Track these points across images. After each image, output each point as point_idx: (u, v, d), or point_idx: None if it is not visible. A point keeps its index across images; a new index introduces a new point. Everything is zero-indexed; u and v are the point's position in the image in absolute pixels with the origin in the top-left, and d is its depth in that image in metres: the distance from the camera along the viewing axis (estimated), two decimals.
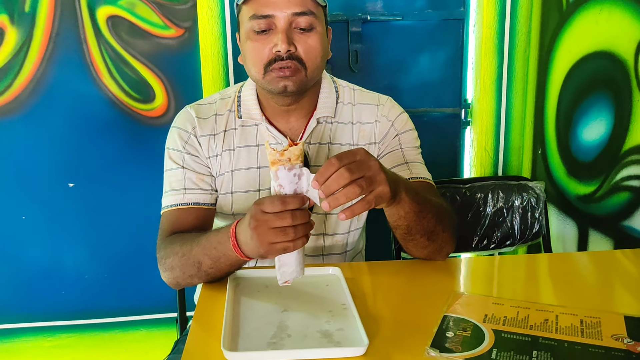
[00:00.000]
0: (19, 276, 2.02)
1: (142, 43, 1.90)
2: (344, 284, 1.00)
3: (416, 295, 1.02)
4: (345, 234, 1.24)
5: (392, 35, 2.00)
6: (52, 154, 1.95)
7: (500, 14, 1.91)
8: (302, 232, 0.85)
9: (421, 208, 1.02)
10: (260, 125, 1.18)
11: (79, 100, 1.92)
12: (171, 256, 1.07)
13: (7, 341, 2.08)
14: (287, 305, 0.94)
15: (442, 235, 1.08)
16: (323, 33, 1.10)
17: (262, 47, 1.07)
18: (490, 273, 1.16)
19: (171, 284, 1.11)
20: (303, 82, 1.09)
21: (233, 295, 0.98)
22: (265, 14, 1.05)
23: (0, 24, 1.84)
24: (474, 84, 2.02)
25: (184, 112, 1.22)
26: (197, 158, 1.19)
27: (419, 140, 1.26)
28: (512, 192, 1.72)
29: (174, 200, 1.17)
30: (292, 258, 0.87)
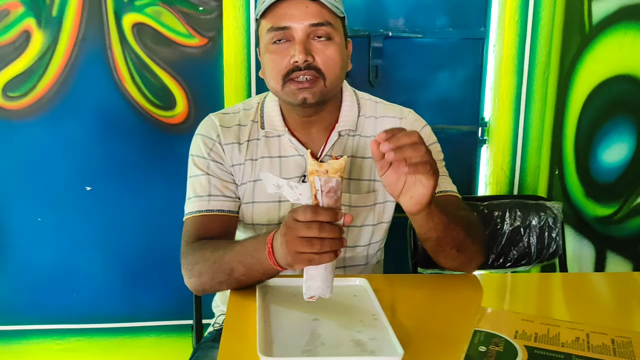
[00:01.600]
0: (31, 277, 2.03)
1: (166, 51, 1.93)
2: (372, 295, 1.00)
3: (442, 308, 1.03)
4: (366, 246, 1.24)
5: (412, 52, 2.02)
6: (71, 156, 1.96)
7: (521, 35, 1.94)
8: (328, 247, 0.84)
9: (450, 220, 1.03)
10: (283, 136, 1.19)
11: (100, 104, 1.94)
12: (200, 262, 1.07)
13: (16, 342, 2.08)
14: (317, 314, 0.94)
15: (472, 248, 1.09)
16: (341, 44, 1.12)
17: (281, 59, 1.08)
18: (511, 290, 1.17)
19: (196, 290, 1.11)
20: (322, 92, 1.10)
21: (262, 303, 0.98)
22: (282, 26, 1.07)
23: (27, 27, 1.87)
24: (492, 102, 2.04)
25: (208, 120, 1.23)
26: (221, 165, 1.19)
27: (442, 153, 1.27)
28: (529, 211, 1.73)
29: (198, 206, 1.17)
30: (319, 273, 0.86)
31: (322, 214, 0.83)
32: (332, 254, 0.85)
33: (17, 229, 1.99)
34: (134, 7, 1.89)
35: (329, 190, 0.84)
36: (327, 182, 0.84)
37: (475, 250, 1.10)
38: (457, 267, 1.13)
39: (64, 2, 1.86)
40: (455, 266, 1.12)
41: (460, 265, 1.12)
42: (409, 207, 0.95)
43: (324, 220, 0.83)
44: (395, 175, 0.93)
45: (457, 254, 1.07)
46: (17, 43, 1.87)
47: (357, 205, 1.21)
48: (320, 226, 0.83)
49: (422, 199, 0.93)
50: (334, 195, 0.85)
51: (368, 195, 1.22)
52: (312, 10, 1.07)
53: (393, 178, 0.94)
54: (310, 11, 1.06)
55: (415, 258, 1.61)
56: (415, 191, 0.93)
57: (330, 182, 0.84)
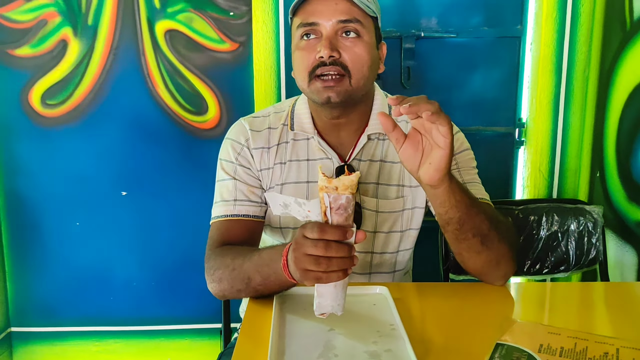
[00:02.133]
0: (70, 281, 2.08)
1: (198, 56, 1.95)
2: (391, 304, 0.97)
3: (466, 319, 0.99)
4: (394, 253, 1.21)
5: (445, 52, 1.97)
6: (107, 162, 2.01)
7: (559, 32, 1.86)
8: (336, 266, 0.81)
9: (472, 203, 0.99)
10: (311, 139, 1.18)
11: (135, 110, 1.98)
12: (221, 268, 1.07)
13: (58, 343, 2.14)
14: (334, 325, 0.93)
15: (498, 246, 1.04)
16: (371, 43, 1.09)
17: (308, 55, 1.07)
18: (543, 300, 1.12)
19: (217, 295, 1.11)
20: (347, 92, 1.08)
21: (279, 313, 0.97)
22: (311, 22, 1.07)
23: (65, 37, 1.92)
24: (529, 103, 1.97)
25: (238, 124, 1.24)
26: (248, 170, 1.19)
27: (475, 160, 1.23)
28: (568, 215, 1.66)
29: (224, 210, 1.17)
30: (329, 291, 0.84)
31: (330, 232, 0.80)
32: (341, 273, 0.82)
33: (56, 233, 2.05)
34: (166, 14, 1.91)
35: (339, 207, 0.81)
36: (336, 200, 0.81)
37: (504, 250, 1.05)
38: (482, 267, 1.07)
39: (99, 10, 1.90)
40: (480, 265, 1.06)
41: (486, 265, 1.06)
42: (430, 177, 0.92)
43: (331, 239, 0.81)
44: (413, 144, 0.92)
45: (481, 247, 1.02)
46: (55, 52, 1.92)
47: (385, 210, 1.18)
48: (326, 245, 0.80)
49: (441, 162, 0.90)
50: (344, 213, 0.82)
51: (397, 201, 1.19)
52: (341, 7, 1.06)
53: (411, 149, 0.92)
54: (339, 8, 1.06)
55: (446, 264, 1.57)
56: (433, 156, 0.90)
57: (339, 199, 0.81)
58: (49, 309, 2.11)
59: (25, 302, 2.10)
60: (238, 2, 1.91)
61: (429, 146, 0.91)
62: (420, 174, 0.94)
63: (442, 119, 0.86)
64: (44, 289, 2.09)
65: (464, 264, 1.08)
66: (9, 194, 2.02)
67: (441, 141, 0.88)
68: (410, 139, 0.92)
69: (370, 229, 1.18)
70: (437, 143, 0.89)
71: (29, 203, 2.03)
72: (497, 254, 1.05)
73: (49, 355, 2.15)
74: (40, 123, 1.97)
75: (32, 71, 1.94)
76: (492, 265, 1.07)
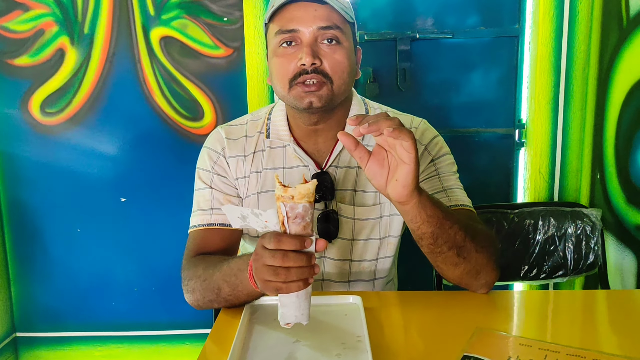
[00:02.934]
0: (73, 286, 2.11)
1: (193, 63, 1.95)
2: (362, 315, 0.95)
3: (439, 329, 0.96)
4: (373, 260, 1.19)
5: (442, 53, 1.94)
6: (106, 169, 2.02)
7: (557, 31, 1.82)
8: (295, 276, 0.80)
9: (445, 215, 0.96)
10: (288, 147, 1.17)
11: (132, 118, 1.99)
12: (194, 279, 1.07)
13: (61, 348, 2.16)
14: (300, 336, 0.91)
15: (476, 256, 1.01)
16: (350, 49, 1.08)
17: (288, 62, 1.06)
18: (528, 309, 1.08)
19: (193, 305, 1.10)
20: (329, 97, 1.06)
21: (247, 323, 0.96)
22: (290, 29, 1.04)
23: (62, 45, 1.94)
24: (528, 103, 1.92)
25: (215, 133, 1.23)
26: (225, 179, 1.19)
27: (455, 164, 1.20)
28: (565, 219, 1.62)
29: (200, 220, 1.17)
30: (291, 301, 0.82)
31: (286, 242, 0.80)
32: (301, 282, 0.81)
33: (58, 240, 2.08)
34: (161, 21, 1.92)
35: (296, 216, 0.80)
36: (293, 209, 0.80)
37: (482, 260, 1.02)
38: (462, 278, 1.04)
39: (95, 19, 1.92)
40: (459, 276, 1.04)
41: (465, 277, 1.04)
42: (398, 194, 0.90)
43: (288, 249, 0.80)
44: (378, 161, 0.90)
45: (457, 259, 1.00)
46: (53, 61, 1.95)
47: (362, 218, 1.16)
48: (284, 255, 0.80)
49: (408, 178, 0.88)
50: (302, 222, 0.80)
51: (373, 208, 1.17)
52: (320, 14, 1.04)
53: (376, 166, 0.91)
54: (319, 14, 1.04)
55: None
56: (399, 172, 0.88)
57: (296, 208, 0.80)
58: (53, 314, 2.14)
59: (30, 308, 2.13)
60: (231, 7, 1.90)
61: (395, 162, 0.89)
62: (388, 191, 0.92)
63: (404, 134, 0.84)
64: (48, 295, 2.12)
65: (443, 275, 1.06)
66: (11, 201, 2.05)
67: (405, 156, 0.86)
68: (375, 156, 0.91)
69: (348, 236, 1.16)
70: (401, 159, 0.87)
71: (30, 210, 2.06)
72: (476, 264, 1.02)
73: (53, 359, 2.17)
74: (40, 131, 2.00)
75: (31, 80, 1.97)
76: (472, 276, 1.04)
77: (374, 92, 1.94)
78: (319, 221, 1.14)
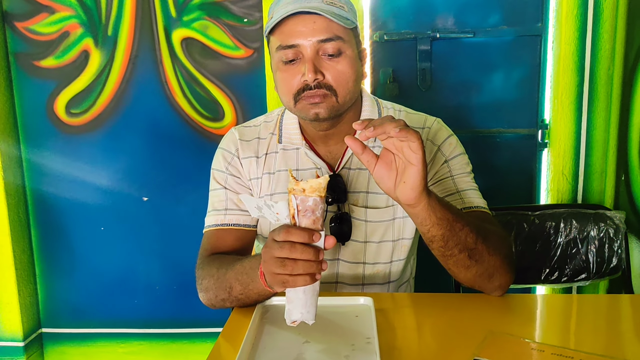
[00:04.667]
0: (96, 283, 2.15)
1: (214, 63, 1.97)
2: (372, 316, 0.95)
3: (452, 332, 0.96)
4: (388, 263, 1.19)
5: (463, 53, 1.92)
6: (128, 168, 2.06)
7: (581, 29, 1.78)
8: (302, 269, 0.80)
9: (456, 218, 0.95)
10: (300, 149, 1.17)
11: (154, 118, 2.02)
12: (207, 278, 1.08)
13: (85, 344, 2.21)
14: (310, 337, 0.91)
15: (489, 258, 1.00)
16: (354, 56, 1.07)
17: (291, 78, 1.05)
18: (544, 313, 1.06)
19: (207, 304, 1.11)
20: (334, 108, 1.06)
21: (258, 323, 0.96)
22: (290, 44, 1.03)
23: (86, 47, 1.98)
24: (551, 103, 1.89)
25: (229, 134, 1.24)
26: (238, 179, 1.19)
27: (470, 164, 1.19)
28: (587, 221, 1.59)
29: (215, 220, 1.18)
30: (298, 297, 0.82)
31: (295, 234, 0.80)
32: (308, 277, 0.81)
33: (82, 238, 2.12)
34: (182, 23, 1.94)
35: (306, 210, 0.81)
36: (303, 202, 0.80)
37: (495, 263, 1.01)
38: (475, 281, 1.03)
39: (118, 21, 1.95)
40: (472, 279, 1.02)
41: (478, 279, 1.02)
42: (407, 196, 0.89)
43: (296, 241, 0.80)
44: (386, 164, 0.90)
45: (469, 261, 0.98)
46: (77, 62, 1.99)
47: (375, 220, 1.16)
48: (291, 246, 0.80)
49: (416, 179, 0.87)
50: (312, 216, 0.81)
51: (386, 210, 1.16)
52: (320, 26, 1.03)
53: (384, 170, 0.90)
54: (318, 27, 1.03)
55: None
56: (407, 174, 0.88)
57: (307, 201, 0.80)
58: (78, 311, 2.18)
59: (55, 304, 2.18)
60: (251, 8, 1.91)
61: (402, 165, 0.89)
62: (397, 194, 0.91)
63: (410, 135, 0.84)
64: (72, 292, 2.16)
65: (456, 278, 1.05)
66: (37, 200, 2.10)
67: (413, 158, 0.86)
68: (382, 159, 0.90)
69: (361, 239, 1.16)
70: (409, 160, 0.87)
71: (56, 208, 2.10)
72: (488, 267, 1.01)
73: (78, 355, 2.22)
74: (65, 131, 2.04)
75: (56, 81, 2.01)
76: (485, 278, 1.03)
77: (394, 92, 1.93)
78: (332, 222, 1.14)
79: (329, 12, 1.02)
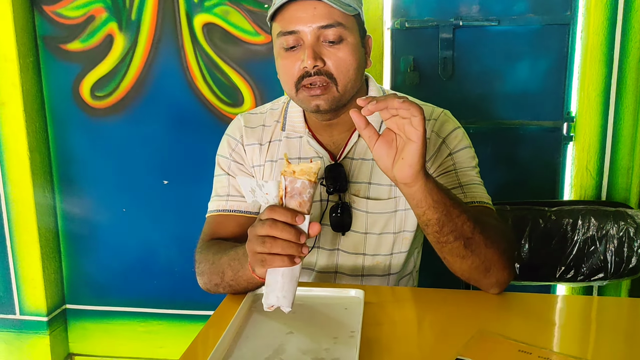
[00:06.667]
0: (118, 263, 2.20)
1: (234, 49, 1.97)
2: (360, 310, 0.94)
3: (440, 329, 0.94)
4: (388, 255, 1.17)
5: (486, 41, 1.87)
6: (150, 152, 2.09)
7: (611, 19, 1.70)
8: (280, 247, 0.81)
9: (453, 204, 0.94)
10: (303, 137, 1.16)
11: (175, 102, 2.04)
12: (204, 262, 1.10)
13: (107, 321, 2.27)
14: (295, 327, 0.91)
15: (485, 251, 0.97)
16: (356, 43, 1.05)
17: (292, 64, 1.05)
18: (540, 314, 1.02)
19: (204, 288, 1.13)
20: (335, 98, 1.05)
21: (246, 311, 0.96)
22: (291, 30, 1.03)
23: (110, 31, 2.01)
24: (578, 95, 1.82)
25: (235, 120, 1.25)
26: (241, 166, 1.20)
27: (476, 158, 1.15)
28: (606, 219, 1.53)
29: (216, 206, 1.19)
30: (276, 280, 0.82)
31: (278, 213, 0.81)
32: (286, 258, 0.81)
33: (105, 219, 2.17)
34: (204, 8, 1.95)
35: (293, 191, 0.82)
36: (292, 183, 0.82)
37: (493, 256, 0.98)
38: (471, 274, 1.00)
39: (142, 6, 1.97)
40: (468, 270, 0.99)
41: (474, 272, 0.99)
42: (404, 174, 0.89)
43: (278, 219, 0.81)
44: (387, 142, 0.89)
45: (464, 251, 0.96)
46: (102, 46, 2.02)
47: (376, 211, 1.14)
48: (272, 223, 0.81)
49: (414, 156, 0.86)
50: (299, 198, 0.82)
51: (389, 202, 1.15)
52: (320, 12, 1.02)
53: (384, 147, 0.90)
54: (318, 13, 1.02)
55: None
56: (406, 151, 0.87)
57: (295, 182, 0.82)
58: (100, 288, 2.24)
59: (79, 282, 2.25)
60: None
61: (402, 143, 0.88)
62: (394, 172, 0.91)
63: (413, 108, 0.83)
64: (95, 270, 2.22)
65: (451, 269, 1.02)
66: (63, 181, 2.15)
67: (413, 134, 0.85)
68: (384, 137, 0.90)
69: (361, 230, 1.15)
70: (409, 137, 0.86)
71: (80, 189, 2.16)
72: (485, 260, 0.98)
73: (100, 331, 2.28)
74: (90, 114, 2.08)
75: (82, 64, 2.05)
76: (481, 272, 1.00)
77: (414, 81, 1.90)
78: (332, 212, 1.13)
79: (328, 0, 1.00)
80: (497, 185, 1.94)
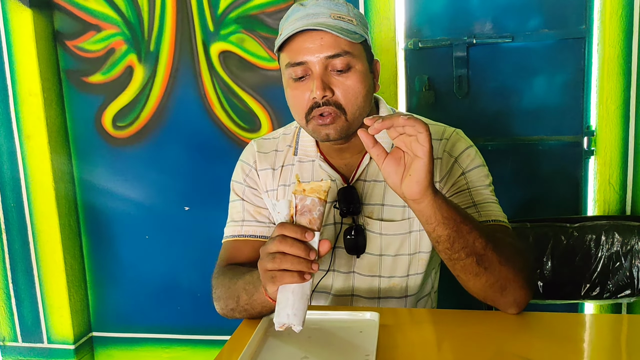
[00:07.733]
0: (141, 290, 2.22)
1: (250, 75, 2.00)
2: (375, 332, 0.93)
3: (457, 351, 0.92)
4: (404, 277, 1.16)
5: (501, 58, 1.86)
6: (170, 179, 2.12)
7: (627, 31, 1.68)
8: (289, 263, 0.81)
9: (464, 220, 0.93)
10: (316, 161, 1.17)
11: (194, 130, 2.07)
12: (220, 287, 1.10)
13: (132, 348, 2.29)
14: (310, 352, 0.91)
15: (500, 268, 0.96)
16: (364, 70, 1.06)
17: (301, 95, 1.06)
18: (561, 335, 0.98)
19: (220, 314, 1.13)
20: (344, 127, 1.06)
21: (261, 336, 0.96)
22: (299, 61, 1.04)
23: (130, 63, 2.06)
24: (597, 109, 1.79)
25: (249, 146, 1.26)
26: (255, 191, 1.21)
27: (490, 176, 1.14)
28: (631, 234, 1.49)
29: (232, 231, 1.20)
30: (286, 298, 0.82)
31: (287, 229, 0.82)
32: (296, 274, 0.82)
33: (128, 246, 2.20)
34: (220, 36, 1.99)
35: (303, 208, 0.84)
36: (302, 200, 0.84)
37: (508, 274, 0.96)
38: (487, 293, 0.98)
39: (160, 37, 2.02)
40: (483, 289, 0.98)
41: (490, 290, 0.98)
42: (412, 190, 0.89)
43: (288, 235, 0.82)
44: (395, 160, 0.90)
45: (477, 268, 0.95)
46: (123, 78, 2.07)
47: (390, 233, 1.14)
48: (282, 239, 0.82)
49: (421, 172, 0.87)
50: (309, 215, 0.83)
51: (402, 223, 1.14)
52: (327, 42, 1.03)
53: (392, 165, 0.90)
54: (325, 43, 1.03)
55: None
56: (413, 167, 0.88)
57: (305, 200, 0.84)
58: (125, 316, 2.26)
59: (104, 310, 2.28)
60: None
61: (410, 160, 0.89)
62: (402, 189, 0.91)
63: (419, 124, 0.84)
64: (120, 298, 2.25)
65: (466, 287, 1.01)
66: (87, 209, 2.20)
67: (419, 150, 0.86)
68: (392, 155, 0.91)
69: (376, 252, 1.14)
70: (415, 153, 0.87)
71: (104, 218, 2.20)
72: (500, 278, 0.97)
73: (125, 358, 2.30)
74: (112, 143, 2.13)
75: (104, 96, 2.10)
76: (496, 290, 0.98)
77: (430, 100, 1.90)
78: (346, 235, 1.13)
79: (335, 28, 1.02)
80: (518, 203, 1.91)
